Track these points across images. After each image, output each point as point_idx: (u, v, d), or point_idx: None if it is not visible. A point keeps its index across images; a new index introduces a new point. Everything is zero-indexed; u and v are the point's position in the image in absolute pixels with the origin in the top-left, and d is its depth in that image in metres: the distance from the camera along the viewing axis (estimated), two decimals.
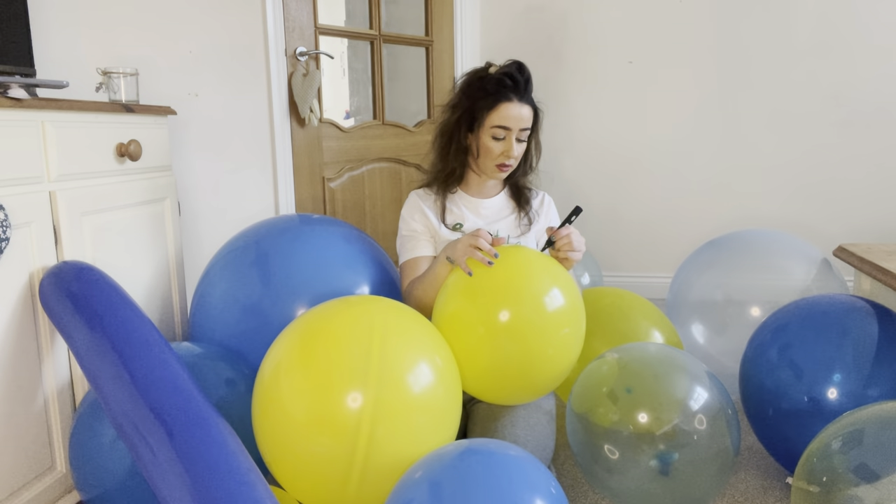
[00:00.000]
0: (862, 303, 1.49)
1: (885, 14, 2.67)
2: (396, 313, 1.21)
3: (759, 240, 2.01)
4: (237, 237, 1.60)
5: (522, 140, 1.55)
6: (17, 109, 1.23)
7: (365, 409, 1.05)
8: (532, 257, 1.35)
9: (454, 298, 1.31)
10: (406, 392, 1.10)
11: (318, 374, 1.09)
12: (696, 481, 1.26)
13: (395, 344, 1.13)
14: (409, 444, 1.09)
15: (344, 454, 1.05)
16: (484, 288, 1.29)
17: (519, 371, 1.28)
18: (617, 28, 2.91)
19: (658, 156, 2.95)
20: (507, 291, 1.27)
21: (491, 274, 1.30)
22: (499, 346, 1.25)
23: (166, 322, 1.70)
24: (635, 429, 1.25)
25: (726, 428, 1.28)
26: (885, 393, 1.34)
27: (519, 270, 1.31)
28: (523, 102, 1.52)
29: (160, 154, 1.67)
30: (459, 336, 1.28)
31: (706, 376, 1.33)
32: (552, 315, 1.28)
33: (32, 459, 1.28)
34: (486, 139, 1.54)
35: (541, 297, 1.28)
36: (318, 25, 2.42)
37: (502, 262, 1.31)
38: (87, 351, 1.14)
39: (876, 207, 2.78)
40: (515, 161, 1.57)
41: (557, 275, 1.34)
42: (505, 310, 1.25)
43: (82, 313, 1.17)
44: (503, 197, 1.68)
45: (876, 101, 2.72)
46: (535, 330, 1.26)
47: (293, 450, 1.09)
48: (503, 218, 1.65)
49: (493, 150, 1.54)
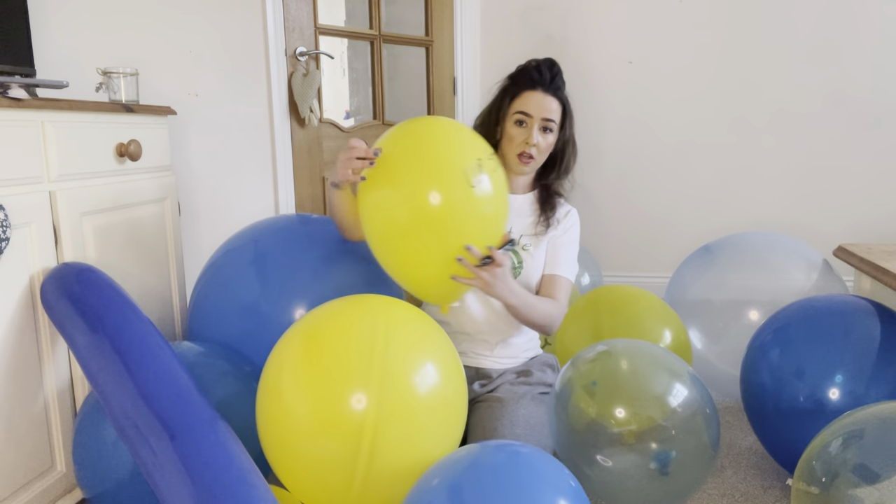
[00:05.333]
0: (862, 303, 1.49)
1: (885, 14, 2.67)
2: (401, 311, 1.19)
3: (757, 243, 2.01)
4: (235, 237, 1.60)
5: (548, 131, 1.50)
6: (17, 109, 1.22)
7: (369, 410, 1.04)
8: (442, 130, 1.30)
9: (369, 196, 1.26)
10: (411, 392, 1.09)
11: (322, 375, 1.08)
12: (676, 477, 1.27)
13: (400, 343, 1.12)
14: (415, 445, 1.09)
15: (348, 456, 1.05)
16: (396, 172, 1.23)
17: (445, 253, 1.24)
18: (617, 28, 2.91)
19: (657, 156, 2.95)
20: (425, 171, 1.23)
21: (400, 156, 1.24)
22: (425, 227, 1.22)
23: (166, 322, 1.70)
24: (615, 423, 1.27)
25: (704, 424, 1.29)
26: (886, 393, 1.34)
27: (431, 146, 1.26)
28: (548, 94, 1.50)
29: (160, 154, 1.66)
30: (388, 229, 1.25)
31: (686, 374, 1.34)
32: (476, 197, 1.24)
33: (32, 459, 1.28)
34: (509, 126, 1.51)
35: (456, 176, 1.23)
36: (318, 25, 2.41)
37: (406, 141, 1.27)
38: (88, 352, 1.14)
39: (876, 207, 2.78)
40: (539, 153, 1.51)
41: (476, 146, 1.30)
42: (431, 191, 1.20)
43: (83, 315, 1.17)
44: (530, 198, 1.62)
45: (876, 101, 2.72)
46: (460, 208, 1.22)
47: (297, 451, 1.08)
48: (522, 217, 1.59)
49: (515, 137, 1.50)
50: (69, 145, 1.35)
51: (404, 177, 1.23)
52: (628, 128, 2.95)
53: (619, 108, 2.94)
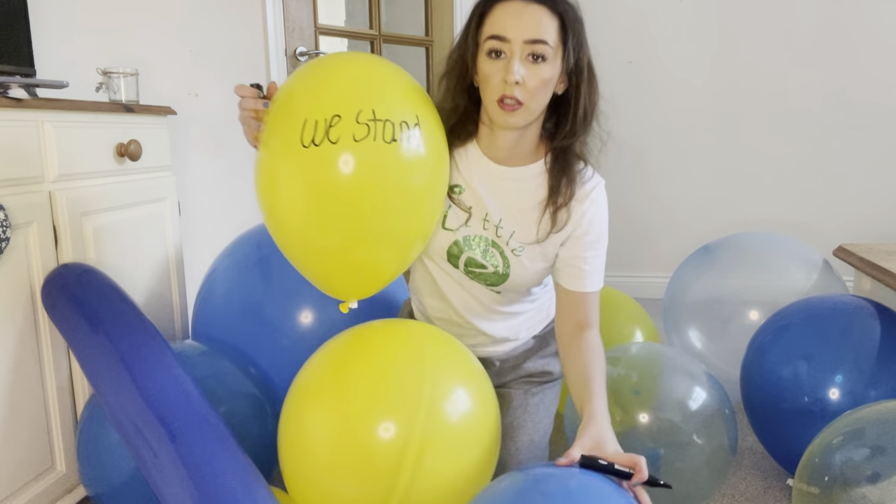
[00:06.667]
0: (862, 303, 1.49)
1: (885, 14, 2.67)
2: (441, 338, 1.08)
3: (757, 243, 2.01)
4: (239, 239, 1.60)
5: (538, 60, 1.02)
6: (17, 109, 1.22)
7: (410, 446, 0.93)
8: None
9: (267, 165, 1.01)
10: (458, 426, 0.99)
11: (355, 404, 0.96)
12: (693, 480, 1.27)
13: (446, 372, 1.01)
14: (455, 481, 0.98)
15: (381, 495, 0.94)
16: (287, 122, 0.97)
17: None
18: (617, 28, 2.91)
19: (658, 155, 2.95)
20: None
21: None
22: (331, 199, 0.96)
23: (166, 322, 1.70)
24: (639, 429, 1.25)
25: (724, 427, 1.28)
26: (886, 393, 1.34)
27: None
28: (531, 1, 1.02)
29: (160, 154, 1.66)
30: (278, 200, 1.00)
31: (704, 376, 1.33)
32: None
33: (32, 459, 1.27)
34: (482, 62, 1.05)
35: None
36: (318, 26, 2.41)
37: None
38: (88, 353, 1.14)
39: (876, 207, 2.78)
40: (528, 95, 1.03)
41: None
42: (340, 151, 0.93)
43: (84, 315, 1.17)
44: (536, 170, 1.14)
45: (876, 101, 2.72)
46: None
47: (320, 486, 0.98)
48: (525, 198, 1.14)
49: (490, 76, 1.03)
50: (69, 145, 1.35)
51: (295, 126, 0.94)
52: (627, 127, 2.95)
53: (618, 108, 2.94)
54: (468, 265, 1.20)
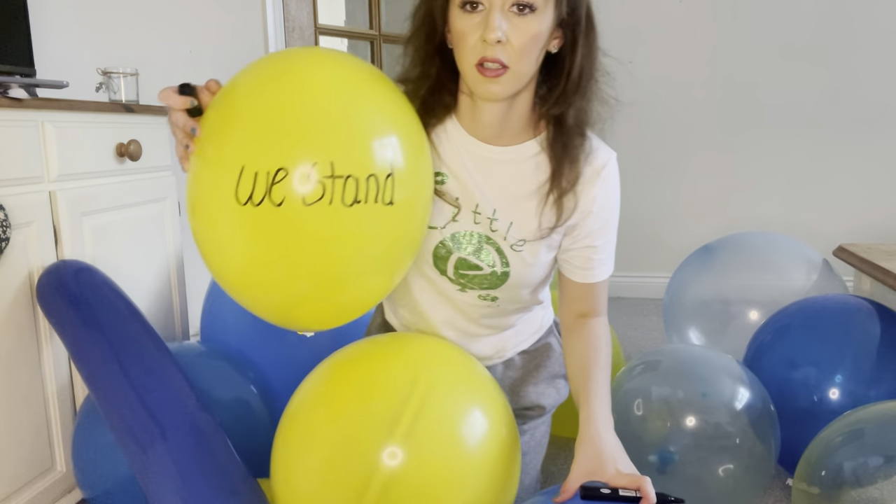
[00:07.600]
0: (862, 303, 1.49)
1: (885, 14, 2.67)
2: (446, 358, 0.95)
3: (757, 243, 2.01)
4: None
5: (524, 10, 0.82)
6: (17, 109, 1.22)
7: (381, 470, 0.82)
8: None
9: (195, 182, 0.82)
10: (443, 456, 0.85)
11: (343, 424, 0.87)
12: (736, 486, 1.25)
13: (442, 394, 0.87)
14: None
15: None
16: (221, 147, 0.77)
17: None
18: (617, 28, 2.91)
19: (658, 155, 2.95)
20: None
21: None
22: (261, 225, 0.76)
23: (166, 322, 1.70)
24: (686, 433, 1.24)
25: (770, 431, 1.28)
26: (886, 393, 1.34)
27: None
28: None
29: (160, 154, 1.66)
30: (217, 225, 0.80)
31: (744, 376, 1.34)
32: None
33: (32, 459, 1.27)
34: (455, 17, 0.86)
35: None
36: (318, 25, 2.42)
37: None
38: (82, 350, 1.13)
39: (876, 207, 2.78)
40: (512, 55, 0.83)
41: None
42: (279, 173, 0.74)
43: (78, 312, 1.17)
44: (532, 149, 0.95)
45: (876, 101, 2.72)
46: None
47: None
48: (519, 187, 0.95)
49: (467, 34, 0.84)
50: (69, 145, 1.35)
51: (230, 172, 0.74)
52: (627, 127, 2.95)
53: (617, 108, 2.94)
54: (459, 268, 1.01)
